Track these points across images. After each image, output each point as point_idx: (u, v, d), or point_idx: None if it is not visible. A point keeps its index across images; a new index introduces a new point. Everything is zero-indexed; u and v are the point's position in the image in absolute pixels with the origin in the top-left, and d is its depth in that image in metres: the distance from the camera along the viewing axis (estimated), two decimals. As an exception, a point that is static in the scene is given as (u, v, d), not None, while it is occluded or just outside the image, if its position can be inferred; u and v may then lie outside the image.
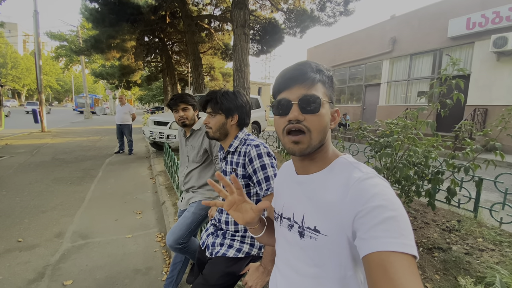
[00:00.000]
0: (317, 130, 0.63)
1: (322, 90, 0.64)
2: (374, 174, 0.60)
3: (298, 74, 0.63)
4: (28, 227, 2.98)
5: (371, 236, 0.50)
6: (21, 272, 2.23)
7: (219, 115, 1.24)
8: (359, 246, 0.53)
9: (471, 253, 2.13)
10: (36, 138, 9.57)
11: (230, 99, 1.24)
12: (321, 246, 0.63)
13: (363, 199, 0.55)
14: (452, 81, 1.86)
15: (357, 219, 0.55)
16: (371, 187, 0.56)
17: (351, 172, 0.62)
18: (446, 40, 9.33)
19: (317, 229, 0.63)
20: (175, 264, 1.89)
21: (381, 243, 0.49)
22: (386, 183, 0.58)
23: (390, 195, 0.54)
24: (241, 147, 1.22)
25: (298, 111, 0.62)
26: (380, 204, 0.52)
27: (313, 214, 0.65)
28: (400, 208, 0.52)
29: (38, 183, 4.50)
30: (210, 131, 1.25)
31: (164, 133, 6.18)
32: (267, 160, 1.15)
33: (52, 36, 23.37)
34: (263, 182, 1.13)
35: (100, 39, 9.72)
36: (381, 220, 0.50)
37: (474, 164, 2.07)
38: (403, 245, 0.48)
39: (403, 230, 0.49)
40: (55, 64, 41.76)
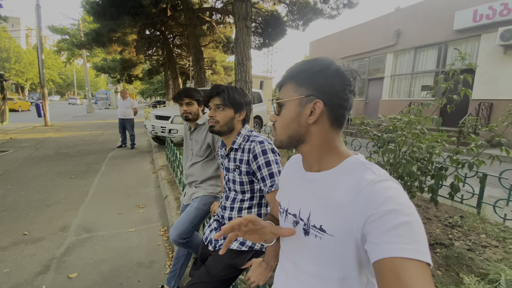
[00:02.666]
0: (279, 127, 0.69)
1: (292, 88, 0.66)
2: (388, 176, 0.58)
3: (278, 82, 0.72)
4: (33, 221, 3.02)
5: (384, 241, 0.49)
6: (27, 264, 2.27)
7: (228, 109, 1.22)
8: (370, 251, 0.52)
9: (474, 249, 2.13)
10: (40, 132, 9.63)
11: (240, 94, 1.24)
12: (325, 246, 0.62)
13: (375, 203, 0.53)
14: (460, 76, 1.82)
15: (368, 223, 0.53)
16: (385, 190, 0.54)
17: (363, 173, 0.60)
18: (452, 33, 9.17)
19: (323, 229, 0.63)
20: (178, 258, 1.91)
21: (394, 249, 0.47)
22: (400, 186, 0.57)
23: (404, 199, 0.53)
24: (245, 143, 1.22)
25: (274, 115, 0.73)
26: (394, 208, 0.51)
27: (320, 213, 0.65)
28: (414, 213, 0.51)
29: (43, 177, 4.55)
30: (216, 125, 1.22)
31: (166, 128, 6.18)
32: (271, 156, 1.14)
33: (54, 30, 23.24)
34: (267, 178, 1.12)
35: (101, 33, 9.64)
36: (395, 225, 0.49)
37: (478, 160, 2.05)
38: (417, 252, 0.47)
39: (417, 236, 0.48)
40: (57, 58, 41.59)
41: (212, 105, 1.22)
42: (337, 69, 0.62)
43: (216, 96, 1.21)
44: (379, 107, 11.97)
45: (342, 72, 0.62)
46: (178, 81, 14.25)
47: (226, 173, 1.26)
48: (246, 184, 1.21)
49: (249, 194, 1.24)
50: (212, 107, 1.23)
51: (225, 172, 1.27)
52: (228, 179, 1.26)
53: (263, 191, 1.16)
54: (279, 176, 1.15)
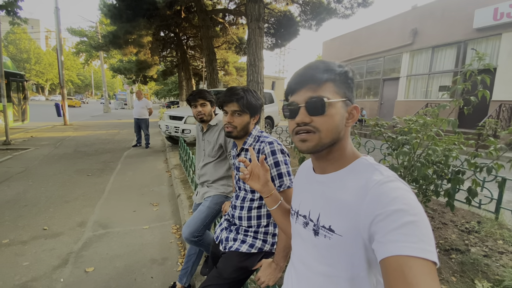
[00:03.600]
0: (326, 129, 0.63)
1: (332, 89, 0.64)
2: (395, 177, 0.59)
3: (305, 76, 0.65)
4: (53, 216, 3.15)
5: (389, 240, 0.50)
6: (46, 258, 2.37)
7: (245, 115, 1.24)
8: (377, 250, 0.53)
9: (490, 256, 2.06)
10: (59, 131, 10.01)
11: (256, 98, 1.26)
12: (334, 246, 0.64)
13: (382, 203, 0.54)
14: (478, 77, 1.77)
15: (375, 223, 0.54)
16: (391, 190, 0.55)
17: (371, 174, 0.61)
18: (471, 31, 8.86)
19: (332, 229, 0.64)
20: (190, 256, 1.95)
21: (400, 247, 0.48)
22: (407, 187, 0.57)
23: (411, 200, 0.53)
24: (255, 144, 1.24)
25: (305, 113, 0.64)
26: (400, 208, 0.51)
27: (328, 213, 0.66)
28: (421, 214, 0.51)
29: (62, 174, 4.73)
30: (234, 131, 1.23)
31: (179, 128, 6.29)
32: (280, 157, 1.16)
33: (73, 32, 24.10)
34: (276, 178, 1.14)
35: (118, 35, 9.94)
36: (401, 224, 0.50)
37: (497, 163, 1.98)
38: (422, 250, 0.47)
39: (423, 236, 0.48)
40: (76, 59, 43.16)
41: (229, 111, 1.23)
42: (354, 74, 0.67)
43: (235, 102, 1.22)
44: (395, 108, 11.71)
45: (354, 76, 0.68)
46: (191, 82, 14.46)
47: (237, 172, 1.29)
48: None
49: (258, 193, 1.25)
50: (229, 113, 1.23)
51: (236, 172, 1.30)
52: (239, 179, 1.28)
53: None
54: (289, 177, 1.16)
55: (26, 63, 40.30)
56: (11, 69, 9.97)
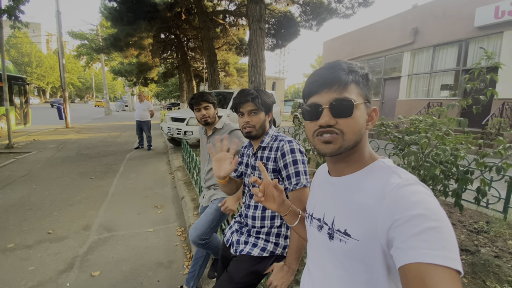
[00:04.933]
0: (351, 132, 0.61)
1: (356, 91, 0.62)
2: (415, 180, 0.56)
3: (329, 77, 0.62)
4: (57, 220, 3.14)
5: (409, 246, 0.47)
6: (52, 262, 2.36)
7: (261, 112, 1.25)
8: (396, 256, 0.51)
9: (501, 256, 2.03)
10: (61, 134, 10.02)
11: (268, 96, 1.27)
12: (351, 250, 0.61)
13: (401, 207, 0.52)
14: (487, 76, 1.75)
15: (393, 228, 0.51)
16: (411, 194, 0.52)
17: (389, 177, 0.59)
18: (473, 30, 8.83)
19: (348, 233, 0.62)
20: (197, 259, 1.94)
21: (420, 254, 0.45)
22: (428, 191, 0.55)
23: (432, 204, 0.50)
24: (273, 142, 1.24)
25: (329, 115, 0.61)
26: (421, 213, 0.49)
27: (344, 217, 0.64)
28: (444, 219, 0.49)
29: (65, 177, 4.73)
30: (253, 130, 1.24)
31: (181, 129, 6.29)
32: (299, 156, 1.16)
33: (74, 35, 24.22)
34: (293, 176, 1.13)
35: (119, 37, 9.97)
36: (421, 230, 0.47)
37: (506, 163, 1.96)
38: (445, 258, 0.44)
39: (446, 242, 0.46)
40: (77, 62, 43.31)
41: (245, 111, 1.24)
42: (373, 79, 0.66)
43: (250, 102, 1.23)
44: (396, 107, 11.67)
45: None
46: (192, 84, 14.46)
47: (252, 171, 1.28)
48: None
49: None
50: (246, 113, 1.24)
51: (251, 171, 1.29)
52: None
53: (287, 190, 1.16)
54: (306, 176, 1.15)
55: (28, 67, 40.44)
56: (13, 72, 9.99)
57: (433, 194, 0.54)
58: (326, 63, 0.66)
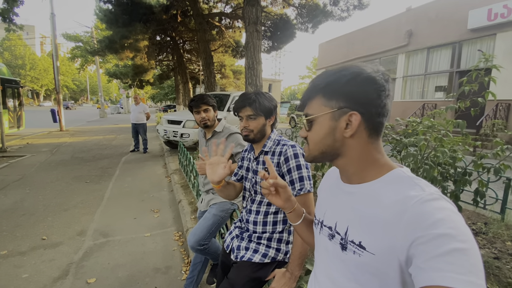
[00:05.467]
0: (312, 143, 0.66)
1: (320, 102, 0.63)
2: (439, 195, 0.53)
3: (305, 94, 0.68)
4: (51, 225, 3.08)
5: (432, 267, 0.45)
6: (46, 269, 2.30)
7: (260, 117, 1.24)
8: (415, 275, 0.48)
9: (500, 258, 2.04)
10: (55, 137, 9.89)
11: (269, 100, 1.26)
12: (365, 264, 0.59)
13: (424, 224, 0.48)
14: (485, 79, 1.76)
15: (415, 245, 0.48)
16: (436, 210, 0.49)
17: (410, 189, 0.55)
18: (466, 32, 8.96)
19: (363, 245, 0.59)
20: (195, 264, 1.90)
21: (445, 278, 0.43)
22: (454, 207, 0.51)
23: (459, 223, 0.47)
24: (275, 147, 1.23)
25: (303, 130, 0.68)
26: (447, 232, 0.46)
27: (359, 228, 0.61)
28: (471, 240, 0.46)
29: (59, 181, 4.65)
30: (251, 134, 1.24)
31: (178, 132, 6.24)
32: (302, 160, 1.15)
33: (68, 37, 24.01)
34: (296, 181, 1.12)
35: (114, 40, 9.89)
36: (447, 251, 0.44)
37: (503, 164, 1.97)
38: (470, 283, 0.42)
39: (472, 267, 0.43)
40: (71, 65, 42.94)
41: (244, 116, 1.23)
42: (368, 75, 0.58)
43: (248, 106, 1.22)
44: (392, 109, 11.76)
45: (374, 77, 0.58)
46: (188, 86, 14.41)
47: (253, 175, 1.26)
48: None
49: None
50: (244, 118, 1.24)
51: (252, 175, 1.27)
52: (255, 182, 1.26)
53: None
54: (309, 181, 1.13)
55: (21, 69, 39.99)
56: (6, 75, 9.85)
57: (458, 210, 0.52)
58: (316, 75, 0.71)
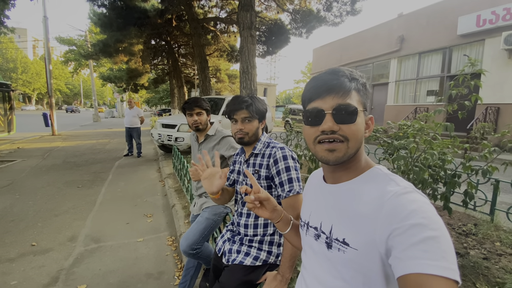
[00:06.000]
0: (355, 139, 0.61)
1: (357, 98, 0.62)
2: (412, 188, 0.57)
3: (332, 83, 0.61)
4: (41, 231, 3.02)
5: (409, 256, 0.47)
6: (35, 276, 2.25)
7: (255, 120, 1.25)
8: (394, 265, 0.51)
9: (490, 258, 2.07)
10: (47, 142, 9.75)
11: (262, 103, 1.28)
12: (350, 260, 0.61)
13: (400, 216, 0.52)
14: (471, 82, 1.81)
15: (392, 237, 0.51)
16: (409, 202, 0.52)
17: (386, 184, 0.59)
18: (456, 37, 9.17)
19: (346, 242, 0.61)
20: (188, 269, 1.89)
21: (420, 265, 0.46)
22: (426, 199, 0.55)
23: (430, 213, 0.51)
24: (265, 149, 1.24)
25: (332, 121, 0.60)
26: (420, 222, 0.49)
27: (342, 225, 0.63)
28: (442, 228, 0.49)
29: (50, 187, 4.57)
30: (246, 137, 1.24)
31: (172, 136, 6.22)
32: (291, 162, 1.16)
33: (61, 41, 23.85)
34: (285, 183, 1.13)
35: (108, 43, 9.86)
36: (420, 239, 0.47)
37: (491, 166, 2.01)
38: (444, 268, 0.45)
39: (445, 252, 0.46)
40: (64, 68, 42.58)
41: (239, 118, 1.24)
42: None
43: (244, 109, 1.23)
44: (385, 113, 11.91)
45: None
46: (183, 90, 14.41)
47: (244, 178, 1.27)
48: (264, 189, 1.21)
49: None
50: (239, 120, 1.24)
51: (243, 178, 1.28)
52: (246, 184, 1.26)
53: (280, 197, 1.16)
54: (298, 183, 1.14)
55: (13, 73, 39.46)
56: (-4, 79, 9.72)
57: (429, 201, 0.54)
58: (328, 69, 0.65)
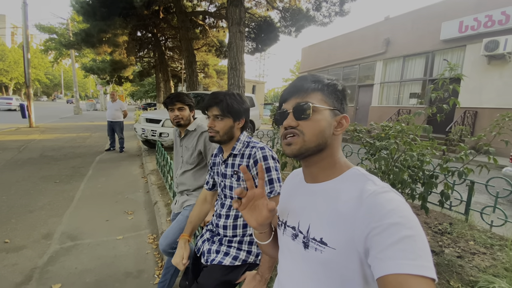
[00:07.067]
0: (311, 133, 0.64)
1: (320, 98, 0.66)
2: (389, 188, 0.58)
3: (295, 86, 0.69)
4: (15, 228, 2.88)
5: (387, 256, 0.49)
6: (8, 274, 2.15)
7: (227, 119, 1.20)
8: (374, 266, 0.51)
9: (463, 257, 2.15)
10: (24, 134, 9.30)
11: (239, 102, 1.22)
12: (327, 260, 0.60)
13: (378, 215, 0.53)
14: (450, 87, 1.86)
15: (371, 237, 0.52)
16: (387, 202, 0.54)
17: (364, 184, 0.60)
18: (439, 42, 9.46)
19: (324, 241, 0.61)
20: (168, 267, 1.85)
21: (398, 265, 0.47)
22: (402, 198, 0.56)
23: (406, 212, 0.52)
24: (245, 149, 1.21)
25: (292, 118, 0.66)
26: (397, 221, 0.50)
27: (320, 225, 0.63)
28: (417, 227, 0.51)
29: (26, 181, 4.37)
30: (216, 135, 1.21)
31: (156, 131, 6.08)
32: (272, 163, 1.14)
33: (41, 28, 22.69)
34: (266, 184, 1.12)
35: (91, 33, 9.47)
36: (398, 239, 0.49)
37: (467, 168, 2.09)
38: (421, 267, 0.46)
39: (421, 251, 0.48)
40: (44, 58, 40.58)
41: (211, 115, 1.21)
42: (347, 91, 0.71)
43: (215, 106, 1.19)
44: (369, 113, 12.17)
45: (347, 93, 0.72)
46: (169, 84, 14.11)
47: (223, 179, 1.24)
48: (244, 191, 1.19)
49: None
50: (211, 117, 1.21)
51: (221, 179, 1.25)
52: (225, 186, 1.24)
53: None
54: (279, 183, 1.13)
55: (-12, 60, 37.30)
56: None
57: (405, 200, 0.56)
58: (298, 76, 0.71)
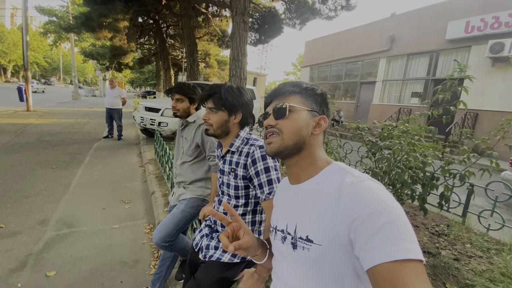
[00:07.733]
0: (289, 131, 0.67)
1: (298, 100, 0.71)
2: (367, 177, 0.59)
3: (275, 91, 0.75)
4: (10, 213, 2.86)
5: (372, 246, 0.49)
6: (2, 260, 2.14)
7: (221, 112, 1.16)
8: (362, 258, 0.51)
9: (460, 259, 2.16)
10: (21, 118, 9.20)
11: (235, 95, 1.16)
12: (316, 258, 0.60)
13: (357, 205, 0.53)
14: (458, 88, 1.82)
15: (353, 228, 0.53)
16: (365, 191, 0.55)
17: (343, 177, 0.61)
18: (444, 42, 9.35)
19: (310, 239, 0.61)
20: (164, 259, 1.84)
21: (383, 254, 0.47)
22: (380, 185, 0.57)
23: (384, 198, 0.52)
24: (243, 146, 1.16)
25: (271, 118, 0.71)
26: (375, 209, 0.51)
27: (306, 223, 0.63)
28: (397, 210, 0.51)
29: (22, 166, 4.33)
30: (210, 128, 1.17)
31: (155, 120, 6.02)
32: (271, 162, 1.09)
33: (41, 10, 22.19)
34: (265, 185, 1.07)
35: (91, 17, 9.26)
36: (379, 227, 0.49)
37: (468, 171, 2.07)
38: (405, 251, 0.46)
39: (403, 234, 0.48)
40: (43, 40, 39.87)
41: (207, 108, 1.18)
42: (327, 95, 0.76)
43: (209, 98, 1.15)
44: (370, 111, 12.12)
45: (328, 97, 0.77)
46: (169, 72, 13.95)
47: (221, 175, 1.21)
48: (241, 189, 1.16)
49: (243, 199, 1.18)
50: (207, 110, 1.18)
51: (219, 175, 1.22)
52: (222, 182, 1.20)
53: (259, 198, 1.11)
54: (279, 183, 1.10)
55: (-14, 41, 36.64)
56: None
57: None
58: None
